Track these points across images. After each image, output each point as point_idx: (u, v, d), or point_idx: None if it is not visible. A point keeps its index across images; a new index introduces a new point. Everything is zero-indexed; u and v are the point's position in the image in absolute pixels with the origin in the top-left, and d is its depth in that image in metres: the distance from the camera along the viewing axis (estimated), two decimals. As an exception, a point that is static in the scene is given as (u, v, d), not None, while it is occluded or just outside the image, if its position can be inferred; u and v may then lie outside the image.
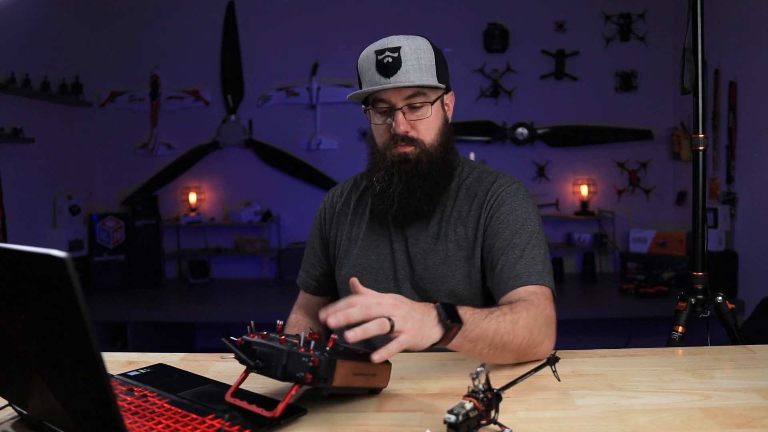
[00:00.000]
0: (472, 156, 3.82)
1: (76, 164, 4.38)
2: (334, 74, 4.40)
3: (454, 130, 1.32)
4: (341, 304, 0.87)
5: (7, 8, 3.64)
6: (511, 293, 1.17)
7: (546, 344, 1.09)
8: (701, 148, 1.60)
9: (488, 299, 1.29)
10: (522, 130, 4.33)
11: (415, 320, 0.87)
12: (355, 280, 0.93)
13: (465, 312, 0.95)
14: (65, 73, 4.15)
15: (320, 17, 4.43)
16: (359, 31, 4.11)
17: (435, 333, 0.90)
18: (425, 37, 1.27)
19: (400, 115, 1.23)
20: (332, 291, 1.47)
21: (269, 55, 4.49)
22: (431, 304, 0.93)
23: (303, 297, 1.51)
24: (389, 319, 0.84)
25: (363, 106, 1.33)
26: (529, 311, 1.07)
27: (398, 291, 1.30)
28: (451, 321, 0.90)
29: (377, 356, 0.83)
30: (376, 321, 0.83)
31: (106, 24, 4.49)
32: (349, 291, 1.34)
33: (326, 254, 1.45)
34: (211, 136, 4.52)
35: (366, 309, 0.85)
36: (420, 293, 1.29)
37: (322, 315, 0.85)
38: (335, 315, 0.83)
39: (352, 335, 0.81)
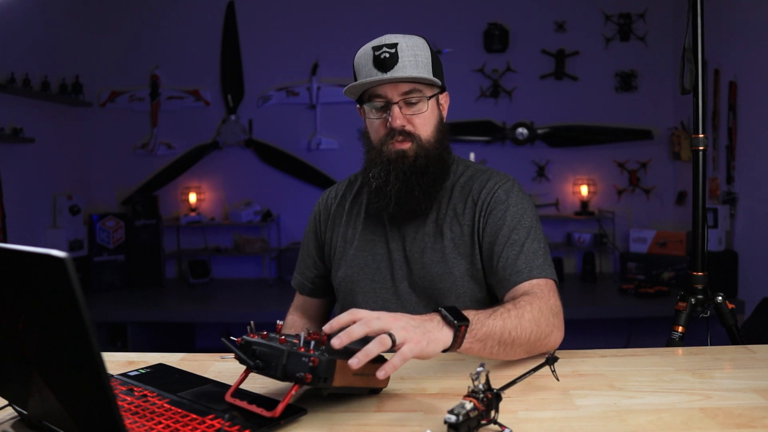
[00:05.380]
0: (471, 156, 3.82)
1: (76, 164, 4.38)
2: (334, 74, 4.40)
3: (449, 129, 1.32)
4: (344, 317, 0.86)
5: (7, 8, 3.64)
6: (514, 289, 1.17)
7: (555, 334, 1.09)
8: (701, 148, 1.59)
9: (494, 296, 1.29)
10: (522, 130, 4.32)
11: (416, 328, 0.86)
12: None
13: (468, 313, 0.95)
14: (65, 73, 4.15)
15: (320, 17, 4.43)
16: (359, 31, 4.08)
17: (444, 336, 0.89)
18: (422, 37, 1.27)
19: (396, 109, 1.23)
20: (328, 293, 1.47)
21: (269, 55, 4.49)
22: (433, 312, 0.92)
23: (299, 299, 1.51)
24: (390, 335, 0.83)
25: (357, 106, 1.33)
26: (533, 304, 1.07)
27: (396, 290, 1.30)
28: (457, 321, 0.89)
29: (382, 373, 0.82)
30: (376, 340, 0.82)
31: (106, 24, 4.49)
32: (346, 292, 1.35)
33: (321, 256, 1.44)
34: (211, 136, 4.52)
35: (366, 323, 0.84)
36: (418, 292, 1.28)
37: (327, 330, 0.86)
38: (339, 337, 0.82)
39: (356, 362, 0.81)
